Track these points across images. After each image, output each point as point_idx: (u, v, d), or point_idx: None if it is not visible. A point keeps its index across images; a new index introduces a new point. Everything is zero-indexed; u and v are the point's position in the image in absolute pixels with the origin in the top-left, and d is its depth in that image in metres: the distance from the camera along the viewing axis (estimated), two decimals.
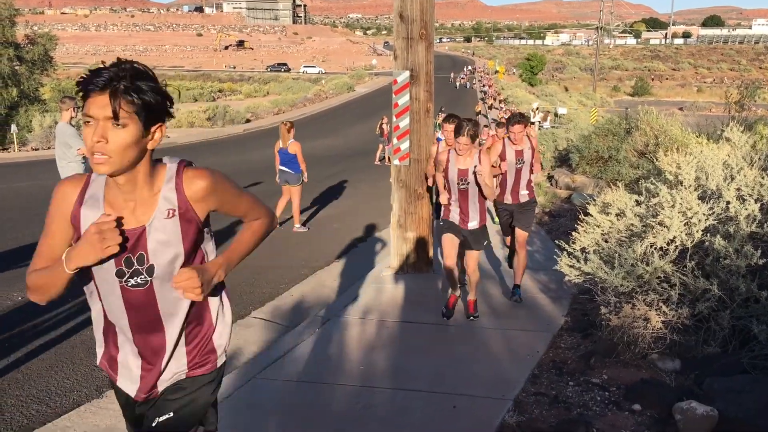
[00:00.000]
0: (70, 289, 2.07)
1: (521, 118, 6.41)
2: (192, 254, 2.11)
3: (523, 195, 6.56)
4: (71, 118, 8.18)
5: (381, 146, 19.85)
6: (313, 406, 4.31)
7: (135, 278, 2.02)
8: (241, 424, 4.06)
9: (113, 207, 2.00)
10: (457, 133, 5.46)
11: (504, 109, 26.88)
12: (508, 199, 6.57)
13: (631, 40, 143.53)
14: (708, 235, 4.80)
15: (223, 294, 2.31)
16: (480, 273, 6.16)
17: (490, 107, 41.24)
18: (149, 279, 2.03)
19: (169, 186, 2.02)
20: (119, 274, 2.02)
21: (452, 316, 5.97)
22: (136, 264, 2.01)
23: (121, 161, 1.88)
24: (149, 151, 1.97)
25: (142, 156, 1.94)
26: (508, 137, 6.46)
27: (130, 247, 1.99)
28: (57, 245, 2.05)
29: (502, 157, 6.42)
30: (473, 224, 5.77)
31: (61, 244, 2.04)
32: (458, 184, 5.68)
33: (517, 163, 6.43)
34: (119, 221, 1.94)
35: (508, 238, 7.00)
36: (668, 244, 4.87)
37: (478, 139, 5.70)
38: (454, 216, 5.83)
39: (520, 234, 6.57)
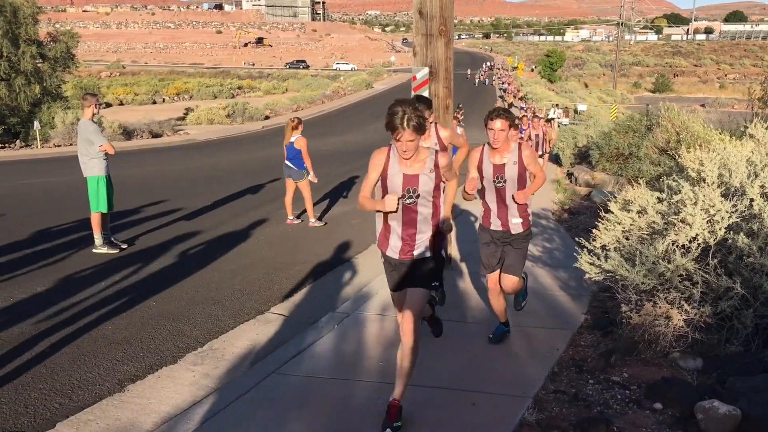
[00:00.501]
0: (85, 284, 2.09)
1: (504, 114, 4.83)
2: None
3: (516, 224, 5.04)
4: (93, 114, 8.26)
5: None
6: (333, 402, 4.33)
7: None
8: (260, 418, 4.09)
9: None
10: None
11: (525, 107, 26.66)
12: (495, 224, 5.10)
13: (652, 36, 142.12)
14: (731, 232, 4.74)
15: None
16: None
17: (510, 105, 40.70)
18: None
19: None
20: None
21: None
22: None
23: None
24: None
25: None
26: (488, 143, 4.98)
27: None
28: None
29: (479, 169, 5.00)
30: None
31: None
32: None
33: (496, 181, 4.95)
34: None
35: (491, 277, 5.23)
36: (690, 241, 4.81)
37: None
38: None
39: (508, 280, 5.14)
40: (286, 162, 10.10)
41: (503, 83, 54.24)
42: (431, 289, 4.16)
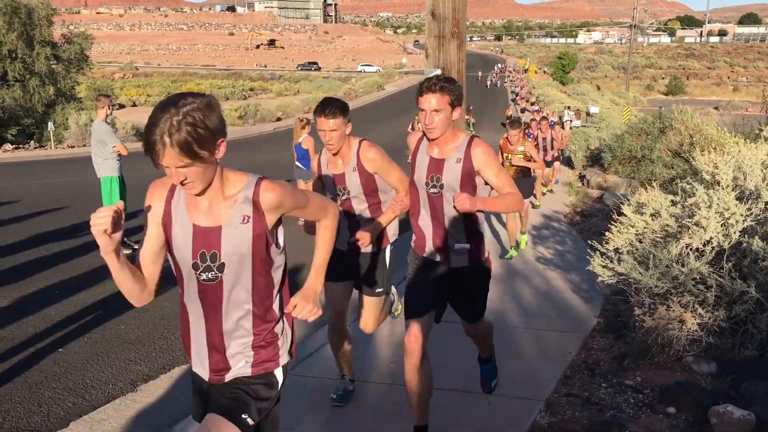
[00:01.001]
0: (98, 285, 2.12)
1: (440, 86, 3.20)
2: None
3: (458, 255, 3.48)
4: (107, 115, 8.32)
5: None
6: (345, 403, 4.33)
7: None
8: None
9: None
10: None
11: (537, 111, 26.45)
12: (429, 250, 3.51)
13: (665, 39, 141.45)
14: (746, 236, 4.71)
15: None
16: (506, 273, 5.90)
17: (523, 111, 40.07)
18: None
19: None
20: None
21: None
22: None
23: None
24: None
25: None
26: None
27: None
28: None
29: (411, 163, 3.53)
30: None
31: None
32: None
33: (429, 187, 3.38)
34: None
35: (412, 328, 3.48)
36: (705, 245, 4.79)
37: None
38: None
39: (470, 329, 3.89)
40: (297, 163, 10.13)
41: (515, 87, 53.43)
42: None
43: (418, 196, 3.46)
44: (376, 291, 4.10)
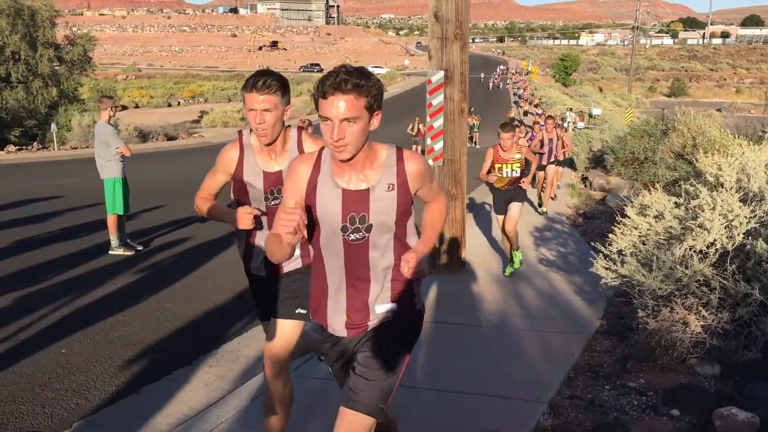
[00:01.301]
0: (101, 286, 2.12)
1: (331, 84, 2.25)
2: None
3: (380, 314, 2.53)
4: (110, 117, 8.33)
5: (415, 146, 19.90)
6: None
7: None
8: None
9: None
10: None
11: (540, 114, 26.30)
12: (333, 320, 2.56)
13: (667, 40, 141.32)
14: (750, 238, 4.70)
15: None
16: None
17: (525, 114, 39.73)
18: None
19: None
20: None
21: None
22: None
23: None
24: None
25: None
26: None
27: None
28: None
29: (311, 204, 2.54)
30: None
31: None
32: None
33: (349, 232, 2.42)
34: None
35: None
36: (708, 247, 4.78)
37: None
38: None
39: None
40: None
41: (518, 89, 52.55)
42: None
43: (330, 243, 2.43)
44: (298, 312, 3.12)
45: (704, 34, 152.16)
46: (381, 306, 2.50)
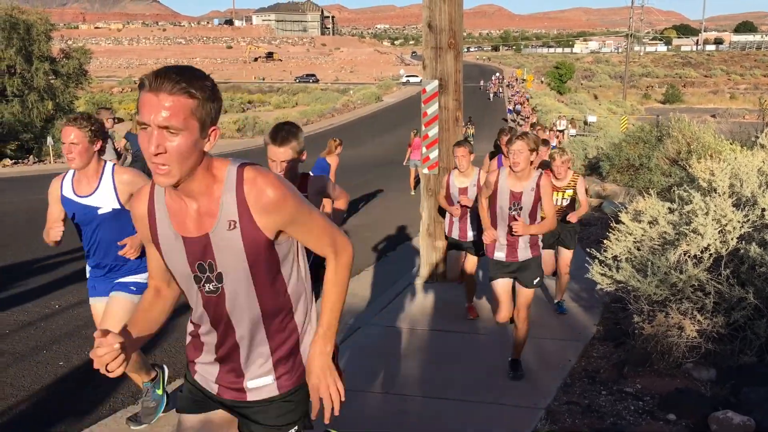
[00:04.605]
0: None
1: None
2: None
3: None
4: (107, 129, 8.35)
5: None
6: (349, 411, 4.33)
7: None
8: None
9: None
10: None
11: (537, 128, 26.05)
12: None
13: (661, 47, 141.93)
14: (743, 242, 4.73)
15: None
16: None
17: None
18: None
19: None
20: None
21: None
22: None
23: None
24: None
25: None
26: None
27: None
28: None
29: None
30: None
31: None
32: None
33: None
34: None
35: None
36: (702, 251, 4.81)
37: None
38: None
39: None
40: (310, 172, 10.27)
41: (516, 104, 48.89)
42: None
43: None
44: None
45: (698, 40, 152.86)
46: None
